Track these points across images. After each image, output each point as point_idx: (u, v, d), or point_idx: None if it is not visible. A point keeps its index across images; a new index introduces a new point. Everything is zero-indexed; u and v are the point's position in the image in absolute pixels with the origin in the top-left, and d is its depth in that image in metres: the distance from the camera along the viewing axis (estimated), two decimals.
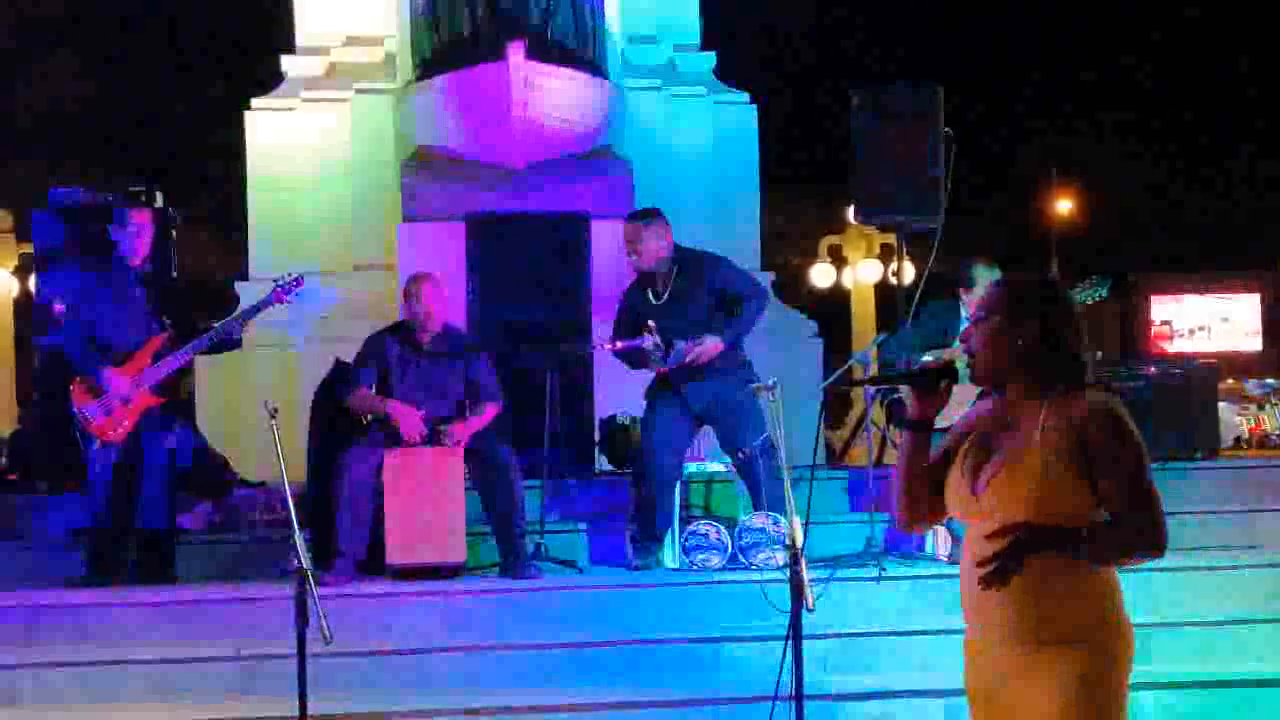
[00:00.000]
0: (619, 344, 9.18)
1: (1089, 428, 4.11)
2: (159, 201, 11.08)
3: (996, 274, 8.98)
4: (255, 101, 12.86)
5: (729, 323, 8.81)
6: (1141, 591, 8.30)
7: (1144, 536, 4.11)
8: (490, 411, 8.96)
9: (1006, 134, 30.27)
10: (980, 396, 4.46)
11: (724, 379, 8.76)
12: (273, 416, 6.03)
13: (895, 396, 9.09)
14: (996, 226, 30.88)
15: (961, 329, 9.01)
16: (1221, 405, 13.64)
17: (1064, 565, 4.10)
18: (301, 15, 13.01)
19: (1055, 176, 32.17)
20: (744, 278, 9.15)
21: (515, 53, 10.86)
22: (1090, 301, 9.02)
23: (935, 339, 9.05)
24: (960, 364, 4.40)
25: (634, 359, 9.03)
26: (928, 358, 8.91)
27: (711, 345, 8.75)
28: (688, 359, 8.76)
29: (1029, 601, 4.12)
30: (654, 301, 8.97)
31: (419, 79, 11.78)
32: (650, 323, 8.82)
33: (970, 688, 4.31)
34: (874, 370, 9.69)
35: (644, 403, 9.14)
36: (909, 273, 12.57)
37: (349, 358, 9.21)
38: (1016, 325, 4.22)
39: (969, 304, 9.03)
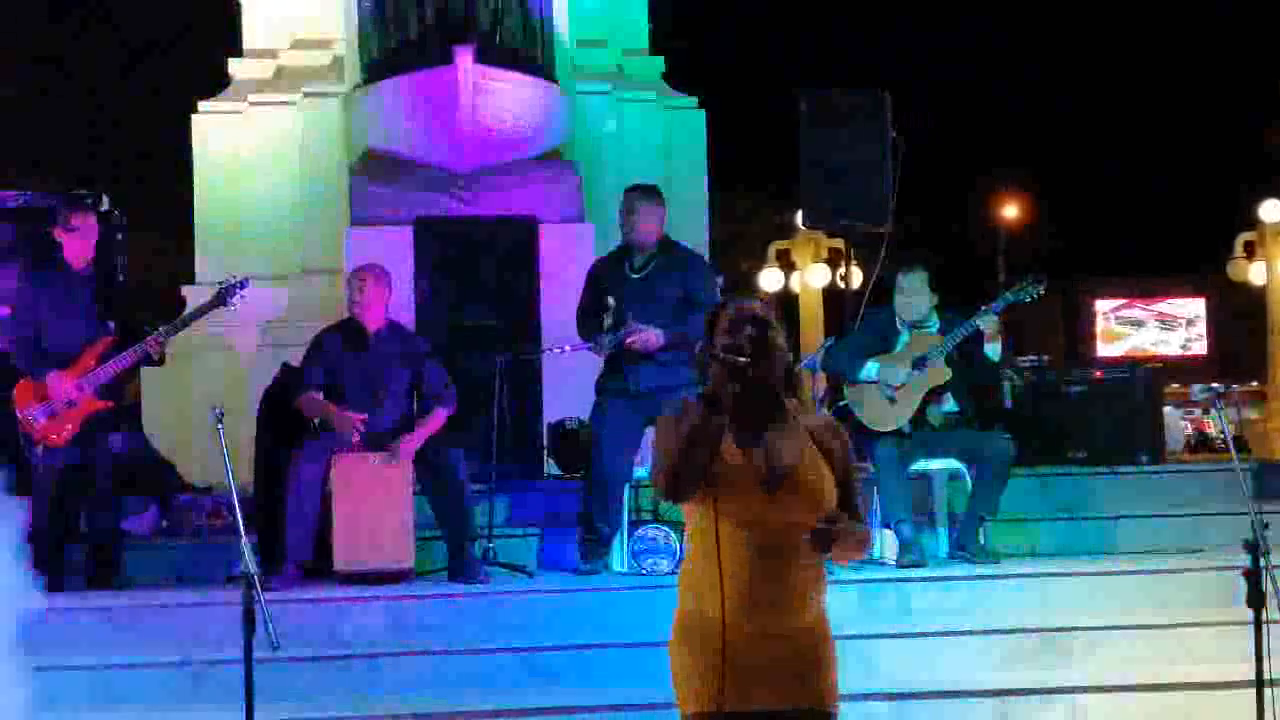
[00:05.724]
0: (568, 347, 9.14)
1: None
2: (105, 205, 11.01)
3: (914, 278, 9.04)
4: (202, 105, 12.78)
5: (677, 326, 8.74)
6: (1086, 595, 8.38)
7: None
8: (441, 415, 8.91)
9: (955, 139, 30.40)
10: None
11: (673, 370, 8.62)
12: (219, 421, 6.01)
13: (842, 403, 9.10)
14: (945, 231, 31.01)
15: (903, 337, 9.07)
16: (1166, 409, 13.71)
17: None
18: (249, 18, 12.93)
19: (1005, 182, 32.38)
20: (710, 293, 9.07)
21: (463, 56, 10.85)
22: (1027, 300, 9.06)
23: (875, 347, 9.08)
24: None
25: (587, 330, 9.00)
26: (872, 365, 8.96)
27: (651, 334, 8.72)
28: (627, 340, 8.73)
29: None
30: (630, 274, 8.97)
31: (367, 82, 11.73)
32: (610, 300, 8.78)
33: None
34: (822, 379, 9.68)
35: (594, 400, 9.07)
36: (856, 278, 12.62)
37: (298, 362, 9.18)
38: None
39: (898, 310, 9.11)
